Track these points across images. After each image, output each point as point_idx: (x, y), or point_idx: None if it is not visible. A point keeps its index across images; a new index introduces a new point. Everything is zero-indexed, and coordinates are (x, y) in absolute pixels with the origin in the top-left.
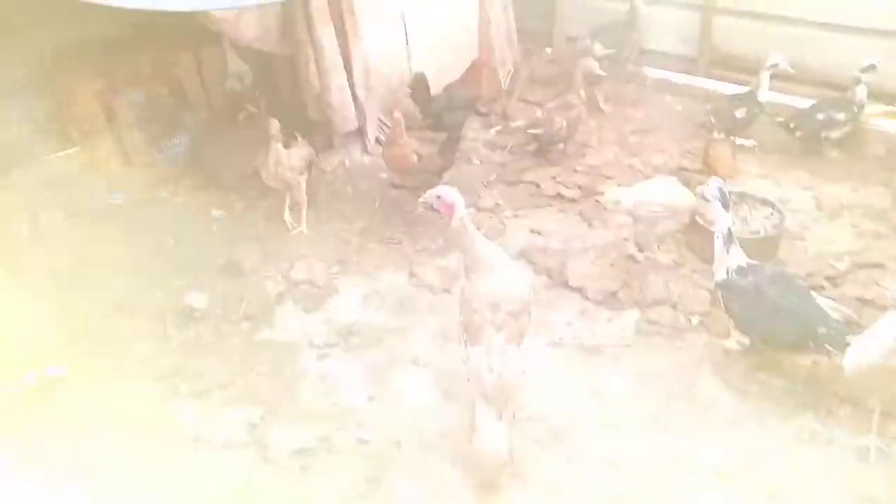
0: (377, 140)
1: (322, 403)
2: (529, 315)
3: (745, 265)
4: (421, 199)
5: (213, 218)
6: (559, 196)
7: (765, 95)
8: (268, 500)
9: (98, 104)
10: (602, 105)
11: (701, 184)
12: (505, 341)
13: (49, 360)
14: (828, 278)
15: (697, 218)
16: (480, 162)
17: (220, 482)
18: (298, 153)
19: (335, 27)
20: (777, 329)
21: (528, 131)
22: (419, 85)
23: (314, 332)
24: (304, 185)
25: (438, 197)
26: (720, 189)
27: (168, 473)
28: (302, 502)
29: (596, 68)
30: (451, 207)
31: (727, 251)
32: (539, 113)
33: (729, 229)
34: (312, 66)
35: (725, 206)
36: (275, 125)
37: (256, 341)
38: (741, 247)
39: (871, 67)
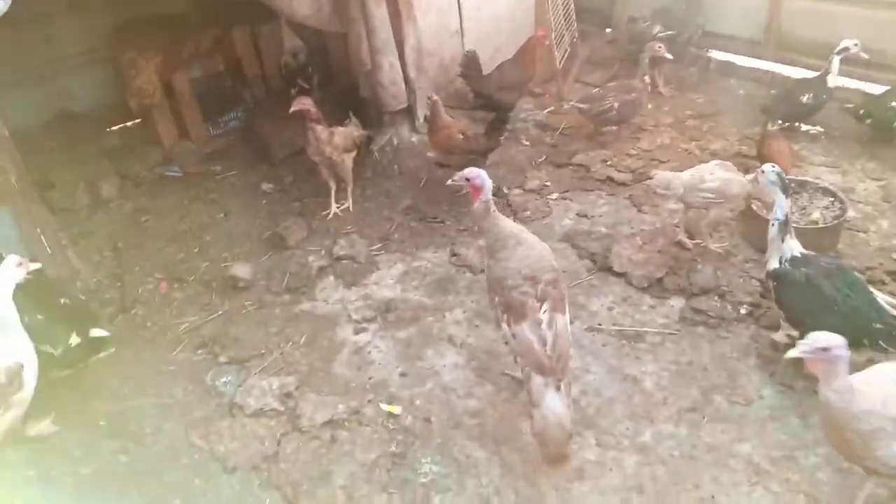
0: (426, 119)
1: (356, 376)
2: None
3: (799, 255)
4: (449, 181)
5: (262, 192)
6: (609, 179)
7: (834, 81)
8: (296, 467)
9: (158, 79)
10: (661, 88)
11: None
12: (551, 311)
13: (98, 323)
14: (889, 273)
15: (754, 205)
16: (530, 143)
17: (252, 449)
18: (342, 132)
19: (388, 6)
20: (830, 324)
21: (576, 104)
22: (471, 63)
23: (353, 307)
24: (348, 164)
25: (467, 179)
26: (779, 174)
27: (204, 439)
28: (330, 472)
29: (664, 52)
30: (478, 189)
31: (782, 240)
32: (595, 91)
33: (786, 216)
34: (364, 45)
35: (785, 191)
36: (304, 102)
37: (296, 313)
38: (798, 237)
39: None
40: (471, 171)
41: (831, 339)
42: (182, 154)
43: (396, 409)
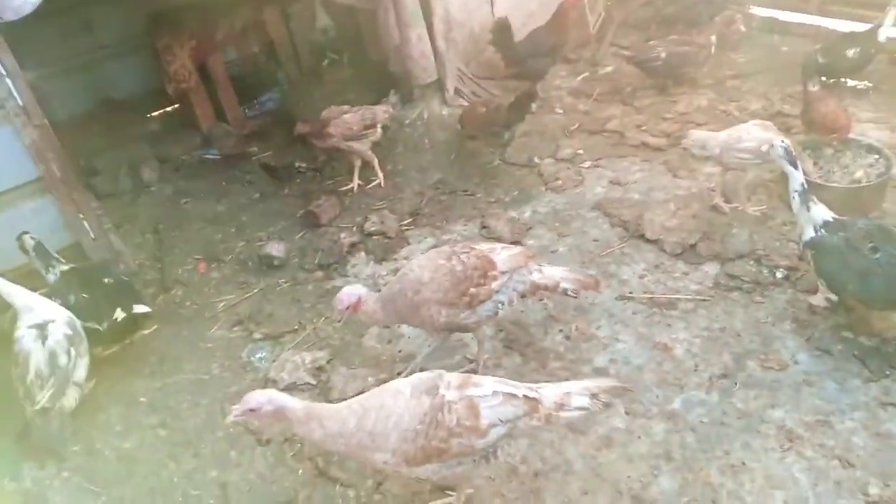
0: (456, 91)
1: (386, 349)
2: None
3: (831, 220)
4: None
5: (296, 170)
6: (644, 145)
7: (887, 33)
8: None
9: (193, 63)
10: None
11: (800, 132)
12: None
13: (141, 300)
14: None
15: None
16: (563, 111)
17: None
18: (355, 116)
19: None
20: (873, 286)
21: (622, 51)
22: (502, 31)
23: (383, 282)
24: (357, 147)
25: (346, 308)
26: (785, 148)
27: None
28: None
29: (740, 25)
30: (356, 305)
31: (808, 209)
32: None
33: (803, 185)
34: (392, 18)
35: (793, 164)
36: (301, 128)
37: (329, 289)
38: (838, 197)
39: None
40: (340, 297)
41: (258, 398)
42: (219, 137)
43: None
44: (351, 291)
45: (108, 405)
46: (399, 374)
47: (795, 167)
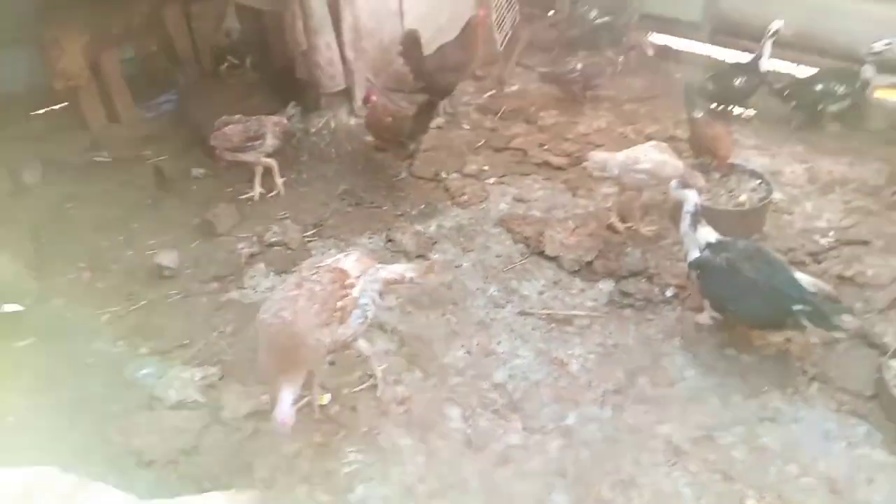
0: (364, 102)
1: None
2: None
3: (714, 241)
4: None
5: (193, 177)
6: (546, 164)
7: (767, 65)
8: (216, 460)
9: (85, 59)
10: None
11: (690, 156)
12: None
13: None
14: (810, 254)
15: None
16: (470, 127)
17: (171, 442)
18: (236, 128)
19: None
20: (751, 305)
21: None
22: (411, 44)
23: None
24: (252, 156)
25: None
26: (678, 180)
27: (121, 433)
28: (250, 464)
29: (647, 48)
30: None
31: (695, 230)
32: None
33: (696, 207)
34: (300, 24)
35: (688, 187)
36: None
37: (223, 302)
38: (723, 219)
39: (882, 52)
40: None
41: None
42: (111, 138)
43: (325, 399)
44: (284, 410)
45: None
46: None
47: (690, 189)
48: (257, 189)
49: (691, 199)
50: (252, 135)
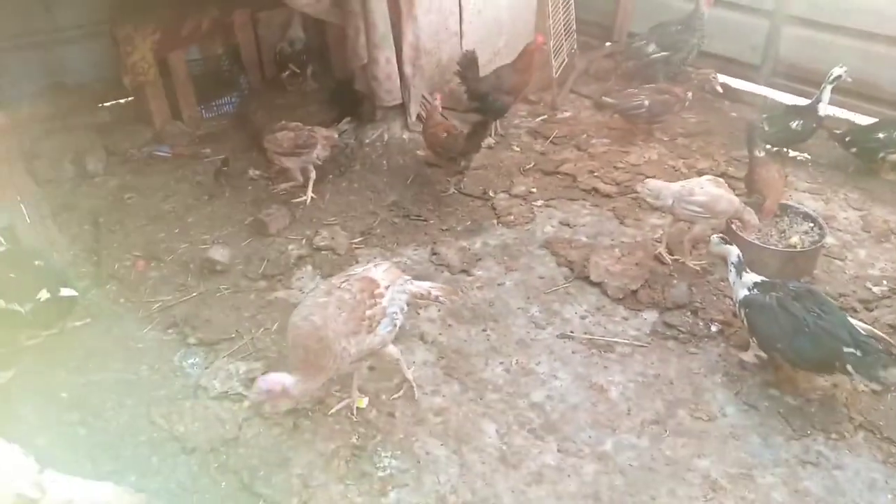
0: (418, 117)
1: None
2: None
3: (761, 281)
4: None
5: (249, 178)
6: (595, 190)
7: (825, 109)
8: (255, 453)
9: (155, 57)
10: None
11: (742, 194)
12: None
13: (70, 284)
14: (861, 301)
15: (734, 225)
16: (520, 149)
17: (213, 431)
18: (289, 134)
19: (388, 2)
20: (800, 346)
21: (605, 98)
22: (468, 64)
23: None
24: (287, 164)
25: (265, 394)
26: (720, 237)
27: (165, 418)
28: (288, 459)
29: (716, 84)
30: (278, 396)
31: (740, 276)
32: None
33: (739, 258)
34: (362, 38)
35: (728, 242)
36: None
37: (270, 300)
38: (773, 259)
39: None
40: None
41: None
42: (172, 134)
43: (363, 402)
44: (277, 380)
45: (24, 398)
46: (336, 392)
47: (731, 244)
48: (310, 194)
49: (733, 252)
50: (301, 142)
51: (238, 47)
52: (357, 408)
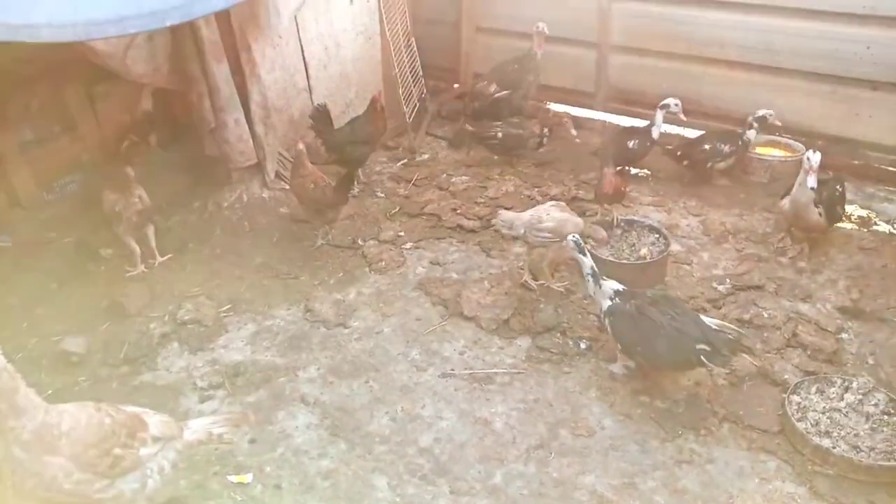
0: (277, 174)
1: (199, 449)
2: None
3: (621, 289)
4: None
5: (102, 258)
6: (459, 227)
7: (658, 132)
8: None
9: None
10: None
11: (593, 213)
12: None
13: None
14: (710, 300)
15: (588, 245)
16: (384, 195)
17: None
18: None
19: (229, 64)
20: (658, 347)
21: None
22: (321, 117)
23: (198, 374)
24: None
25: None
26: (575, 241)
27: None
28: None
29: (570, 127)
30: None
31: (599, 286)
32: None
33: (592, 269)
34: (207, 102)
35: (583, 253)
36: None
37: (136, 385)
38: (627, 272)
39: (763, 118)
40: None
41: None
42: (12, 222)
43: (246, 479)
44: None
45: None
46: (215, 473)
47: (584, 255)
48: (139, 266)
49: (586, 263)
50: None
51: (76, 123)
52: (241, 484)
